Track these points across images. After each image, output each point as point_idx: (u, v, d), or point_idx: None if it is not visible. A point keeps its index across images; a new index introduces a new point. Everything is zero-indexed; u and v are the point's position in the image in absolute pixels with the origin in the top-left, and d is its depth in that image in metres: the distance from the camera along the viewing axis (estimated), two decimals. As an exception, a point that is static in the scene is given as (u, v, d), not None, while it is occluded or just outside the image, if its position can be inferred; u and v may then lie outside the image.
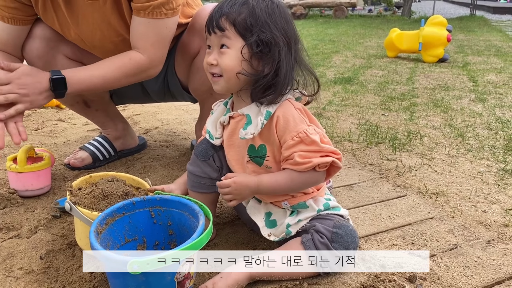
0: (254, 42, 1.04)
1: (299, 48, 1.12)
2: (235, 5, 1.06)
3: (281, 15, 1.08)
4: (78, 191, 1.17)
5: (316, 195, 1.16)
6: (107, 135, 1.89)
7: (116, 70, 1.43)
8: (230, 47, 1.06)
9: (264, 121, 1.07)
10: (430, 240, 1.31)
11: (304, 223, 1.13)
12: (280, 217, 1.17)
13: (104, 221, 1.03)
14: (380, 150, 2.08)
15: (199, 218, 1.02)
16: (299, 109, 1.09)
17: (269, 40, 1.04)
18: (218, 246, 1.27)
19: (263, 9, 1.05)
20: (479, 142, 2.20)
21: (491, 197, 1.60)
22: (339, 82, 3.78)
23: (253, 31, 1.04)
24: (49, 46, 1.54)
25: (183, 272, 0.96)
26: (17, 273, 1.15)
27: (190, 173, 1.26)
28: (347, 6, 13.65)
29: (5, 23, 1.46)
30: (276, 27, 1.06)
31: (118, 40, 1.51)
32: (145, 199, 1.10)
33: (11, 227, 1.35)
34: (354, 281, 1.09)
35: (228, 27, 1.06)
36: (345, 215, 1.17)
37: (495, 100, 3.14)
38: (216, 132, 1.20)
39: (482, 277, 1.14)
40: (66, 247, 1.26)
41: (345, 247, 1.07)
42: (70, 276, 1.13)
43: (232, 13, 1.05)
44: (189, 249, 0.92)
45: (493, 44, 6.67)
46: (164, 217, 1.11)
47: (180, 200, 1.09)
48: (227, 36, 1.06)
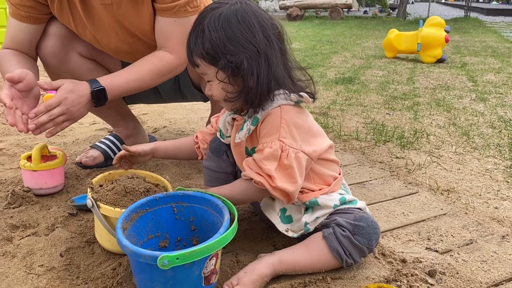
0: (223, 67, 1.04)
1: (272, 50, 1.06)
2: (196, 38, 1.07)
3: (240, 23, 1.04)
4: (99, 188, 1.17)
5: (328, 190, 1.17)
6: (118, 134, 1.89)
7: (149, 72, 1.45)
8: (210, 79, 1.10)
9: (251, 127, 1.10)
10: (445, 236, 1.33)
11: (322, 220, 1.14)
12: (296, 212, 1.18)
13: (129, 217, 1.04)
14: (389, 148, 2.10)
15: (223, 213, 1.02)
16: (284, 120, 1.06)
17: (235, 59, 1.03)
18: (237, 242, 1.27)
19: (218, 29, 1.03)
20: (484, 141, 2.23)
21: (502, 194, 1.62)
22: (341, 82, 3.80)
23: (218, 57, 1.04)
24: (63, 44, 1.54)
25: (210, 267, 0.97)
26: (38, 270, 1.14)
27: (206, 168, 1.31)
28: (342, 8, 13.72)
29: (21, 22, 1.46)
30: (238, 42, 1.03)
31: (132, 41, 1.52)
32: (168, 195, 1.11)
33: (27, 225, 1.35)
34: (377, 275, 1.10)
35: (199, 62, 1.08)
36: (363, 208, 1.18)
37: (495, 100, 3.17)
38: (226, 132, 1.24)
39: (500, 271, 1.15)
40: (85, 244, 1.26)
41: (367, 238, 1.08)
42: (91, 273, 1.13)
43: (196, 48, 1.07)
44: (217, 244, 0.93)
45: (489, 45, 6.74)
46: (186, 213, 1.12)
47: (203, 196, 1.09)
48: (203, 71, 1.10)
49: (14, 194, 1.47)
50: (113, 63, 1.72)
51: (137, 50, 1.53)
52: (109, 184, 1.19)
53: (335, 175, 1.20)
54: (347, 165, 1.90)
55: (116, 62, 1.72)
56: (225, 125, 1.23)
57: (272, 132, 1.06)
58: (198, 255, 0.89)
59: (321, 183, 1.17)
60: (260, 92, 1.05)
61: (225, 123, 1.22)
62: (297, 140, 1.06)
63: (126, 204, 1.12)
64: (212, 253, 0.94)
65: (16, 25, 1.47)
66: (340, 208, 1.15)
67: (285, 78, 1.09)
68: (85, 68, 1.64)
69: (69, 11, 1.46)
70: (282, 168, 1.04)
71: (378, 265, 1.15)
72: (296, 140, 1.06)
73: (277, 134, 1.04)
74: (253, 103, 1.07)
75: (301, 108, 1.13)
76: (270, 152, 1.03)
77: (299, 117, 1.09)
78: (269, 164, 1.03)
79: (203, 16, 1.07)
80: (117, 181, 1.21)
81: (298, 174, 1.05)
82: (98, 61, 1.67)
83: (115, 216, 1.08)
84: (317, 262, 1.08)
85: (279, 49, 1.09)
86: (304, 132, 1.09)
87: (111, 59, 1.70)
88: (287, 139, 1.04)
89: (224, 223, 0.98)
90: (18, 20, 1.46)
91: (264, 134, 1.07)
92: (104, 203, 1.12)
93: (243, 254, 1.20)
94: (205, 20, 1.05)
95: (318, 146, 1.11)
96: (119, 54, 1.60)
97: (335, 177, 1.19)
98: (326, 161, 1.17)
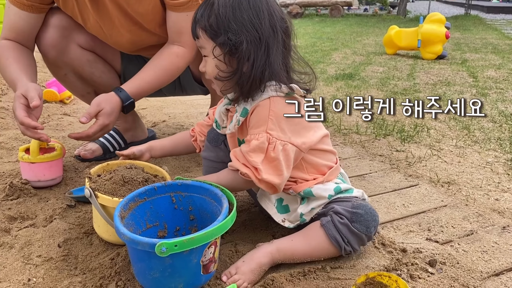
0: (222, 43, 1.04)
1: (275, 41, 1.06)
2: (204, 10, 1.07)
3: (251, 8, 1.04)
4: (97, 178, 1.17)
5: (323, 180, 1.16)
6: (117, 127, 1.88)
7: (169, 71, 1.48)
8: (206, 54, 1.10)
9: (240, 118, 1.10)
10: (446, 227, 1.32)
11: (318, 210, 1.13)
12: (292, 202, 1.17)
13: (127, 206, 1.03)
14: (389, 141, 2.09)
15: (222, 202, 1.02)
16: (272, 112, 1.05)
17: (236, 38, 1.02)
18: (236, 233, 1.27)
19: (228, 6, 1.04)
20: (485, 134, 2.22)
21: (502, 186, 1.62)
22: (341, 78, 3.79)
23: (220, 32, 1.04)
24: (63, 35, 1.53)
25: (208, 255, 0.96)
26: (36, 260, 1.14)
27: (204, 159, 1.31)
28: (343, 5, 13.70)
29: (24, 10, 1.45)
30: (243, 23, 1.03)
31: (134, 28, 1.52)
32: (167, 185, 1.10)
33: (25, 217, 1.35)
34: (376, 265, 1.09)
35: (201, 34, 1.08)
36: (360, 196, 1.17)
37: (496, 95, 3.16)
38: (222, 122, 1.22)
39: (501, 261, 1.14)
40: (83, 235, 1.25)
41: (366, 226, 1.07)
42: (89, 263, 1.12)
43: (202, 20, 1.07)
44: (216, 231, 0.92)
45: (490, 41, 6.72)
46: (185, 202, 1.11)
47: (202, 185, 1.09)
48: (202, 44, 1.09)
49: (12, 186, 1.46)
50: (113, 55, 1.71)
51: (139, 39, 1.53)
52: (107, 174, 1.19)
53: (330, 164, 1.18)
54: (347, 158, 1.89)
55: (115, 53, 1.71)
56: (221, 116, 1.22)
57: (260, 124, 1.05)
58: (197, 242, 0.89)
59: (315, 173, 1.16)
60: (252, 79, 1.04)
61: (220, 113, 1.22)
62: (286, 132, 1.05)
63: (124, 194, 1.12)
64: (211, 241, 0.93)
65: (16, 13, 1.46)
66: (337, 197, 1.14)
67: (281, 71, 1.08)
68: (85, 60, 1.63)
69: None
70: (269, 160, 1.04)
71: (378, 255, 1.14)
72: (285, 132, 1.05)
73: (264, 126, 1.04)
74: (242, 89, 1.06)
75: (293, 99, 1.10)
76: (256, 144, 1.03)
77: (289, 108, 1.07)
78: (256, 157, 1.03)
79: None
80: (115, 171, 1.20)
81: (285, 166, 1.05)
82: (97, 53, 1.66)
83: (113, 206, 1.07)
84: (315, 250, 1.07)
85: (283, 42, 1.08)
86: (295, 124, 1.07)
87: (110, 51, 1.69)
88: (274, 131, 1.04)
89: (223, 212, 0.97)
90: (19, 8, 1.45)
91: (252, 125, 1.07)
92: (102, 193, 1.11)
93: (242, 244, 1.19)
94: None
95: (308, 137, 1.10)
96: (121, 44, 1.59)
97: (330, 167, 1.18)
98: (320, 151, 1.16)
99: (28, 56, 1.50)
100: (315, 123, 1.15)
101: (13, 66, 1.41)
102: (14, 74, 1.40)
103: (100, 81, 1.70)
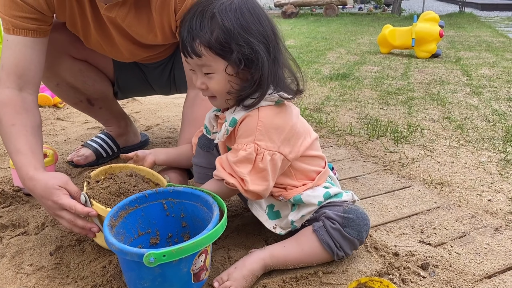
0: (235, 60, 0.99)
1: (277, 46, 1.05)
2: (203, 24, 0.98)
3: (252, 14, 1.01)
4: (95, 184, 1.14)
5: (312, 185, 1.15)
6: (110, 132, 1.87)
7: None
8: (212, 71, 1.02)
9: (229, 128, 1.08)
10: (439, 229, 1.32)
11: (308, 217, 1.13)
12: (283, 208, 1.17)
13: (117, 215, 1.03)
14: (382, 142, 2.09)
15: (213, 209, 1.01)
16: (261, 122, 1.03)
17: (250, 53, 0.98)
18: (229, 238, 1.26)
19: (232, 18, 0.98)
20: (478, 134, 2.22)
21: (495, 186, 1.62)
22: (335, 78, 3.79)
23: (231, 48, 0.98)
24: (54, 48, 1.46)
25: (198, 264, 0.96)
26: (28, 269, 1.13)
27: (196, 165, 1.29)
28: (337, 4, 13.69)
29: (30, 37, 1.26)
30: (252, 34, 0.99)
31: (134, 46, 1.48)
32: (158, 192, 1.09)
33: (17, 224, 1.34)
34: (369, 269, 1.09)
35: (204, 52, 0.99)
36: (350, 199, 1.16)
37: (490, 93, 3.17)
38: (212, 128, 1.21)
39: (493, 263, 1.15)
40: (76, 243, 1.24)
41: (357, 230, 1.07)
42: (81, 272, 1.12)
43: (204, 35, 0.98)
44: (205, 240, 0.91)
45: (484, 39, 6.74)
46: (177, 209, 1.11)
47: (193, 192, 1.08)
48: (206, 63, 1.01)
49: (3, 194, 1.46)
50: (105, 63, 1.70)
51: (138, 52, 1.51)
52: (106, 180, 1.16)
53: (318, 169, 1.18)
54: (340, 160, 1.89)
55: (108, 61, 1.70)
56: (210, 121, 1.21)
57: (248, 134, 1.03)
58: (185, 252, 0.88)
59: (304, 178, 1.16)
60: (266, 87, 1.02)
61: (209, 119, 1.21)
62: (275, 141, 1.04)
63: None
64: (201, 250, 0.93)
65: (20, 43, 1.24)
66: (327, 202, 1.13)
67: (283, 75, 1.07)
68: (77, 70, 1.62)
69: (78, 17, 1.38)
70: (257, 171, 1.03)
71: (370, 259, 1.14)
72: (274, 141, 1.04)
73: (252, 137, 1.03)
74: (250, 97, 1.04)
75: (283, 107, 1.09)
76: (244, 155, 1.02)
77: (279, 117, 1.06)
78: (243, 168, 1.02)
79: (209, 3, 1.00)
80: (115, 177, 1.18)
81: (271, 175, 1.05)
82: (90, 62, 1.65)
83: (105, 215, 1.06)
84: (308, 256, 1.07)
85: (282, 45, 1.07)
86: (285, 132, 1.06)
87: (103, 59, 1.68)
88: (263, 142, 1.03)
89: (213, 220, 0.97)
90: (25, 36, 1.24)
91: (240, 135, 1.05)
92: (96, 201, 1.10)
93: (234, 250, 1.19)
94: (214, 6, 0.99)
95: (297, 147, 1.10)
96: (120, 57, 1.57)
97: (319, 172, 1.18)
98: (309, 157, 1.15)
99: (36, 122, 1.27)
100: (305, 128, 1.15)
101: (21, 140, 1.21)
102: (22, 154, 1.19)
103: (93, 89, 1.69)
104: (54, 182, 1.11)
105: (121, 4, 1.29)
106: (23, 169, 1.16)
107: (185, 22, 1.03)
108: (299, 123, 1.12)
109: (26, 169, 1.15)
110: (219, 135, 1.12)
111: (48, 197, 1.10)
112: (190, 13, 1.03)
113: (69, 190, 1.11)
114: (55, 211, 1.11)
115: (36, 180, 1.13)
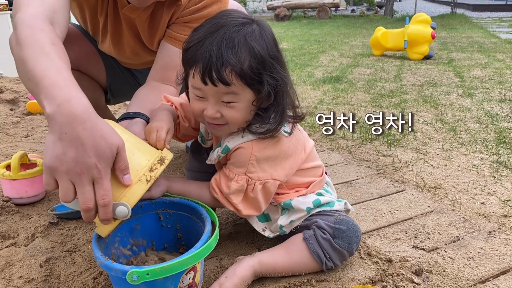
0: (266, 91, 0.94)
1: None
2: (236, 50, 0.90)
3: (274, 43, 0.97)
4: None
5: (305, 192, 1.14)
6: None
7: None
8: (236, 100, 0.95)
9: (221, 155, 1.08)
10: (432, 233, 1.32)
11: (297, 224, 1.12)
12: (274, 211, 1.17)
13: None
14: (375, 146, 2.09)
15: (205, 224, 0.99)
16: (254, 157, 1.02)
17: (275, 82, 0.95)
18: (221, 247, 1.25)
19: (262, 45, 0.93)
20: (471, 136, 2.23)
21: (488, 189, 1.62)
22: (328, 81, 3.79)
23: (261, 79, 0.93)
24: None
25: (186, 281, 0.93)
26: (17, 282, 1.11)
27: (188, 170, 1.31)
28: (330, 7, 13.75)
29: None
30: (278, 63, 0.96)
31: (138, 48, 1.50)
32: (153, 202, 1.08)
33: (7, 236, 1.32)
34: (362, 276, 1.08)
35: (235, 81, 0.91)
36: (342, 209, 1.15)
37: (482, 95, 3.18)
38: (207, 135, 1.21)
39: (487, 268, 1.14)
40: (66, 254, 1.23)
41: (348, 242, 1.06)
42: (72, 283, 1.10)
43: (237, 63, 0.89)
44: (191, 260, 0.87)
45: (476, 40, 6.78)
46: (172, 220, 1.09)
47: (189, 204, 1.06)
48: (233, 91, 0.93)
49: (-7, 204, 1.44)
50: (97, 70, 1.69)
51: (138, 53, 1.52)
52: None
53: (312, 179, 1.17)
54: (333, 165, 1.88)
55: (100, 69, 1.69)
56: (206, 129, 1.20)
57: (240, 165, 1.04)
58: (170, 271, 0.85)
59: (297, 186, 1.15)
60: (284, 114, 1.02)
61: (206, 128, 1.20)
62: (266, 170, 1.04)
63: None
64: (188, 268, 0.91)
65: None
66: (318, 211, 1.12)
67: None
68: None
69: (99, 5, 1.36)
70: (248, 200, 1.06)
71: (363, 266, 1.13)
72: (265, 170, 1.04)
73: (244, 168, 1.03)
74: (269, 125, 1.01)
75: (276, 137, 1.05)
76: (236, 188, 1.05)
77: (271, 147, 1.04)
78: (235, 198, 1.06)
79: (234, 30, 0.92)
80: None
81: (264, 201, 1.08)
82: (82, 70, 1.64)
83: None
84: (296, 265, 1.06)
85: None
86: (278, 159, 1.05)
87: (95, 67, 1.67)
88: (254, 174, 1.04)
89: (203, 237, 0.93)
90: None
91: (233, 162, 1.06)
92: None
93: (227, 259, 1.18)
94: (239, 33, 0.92)
95: (291, 167, 1.09)
96: (122, 57, 1.58)
97: (313, 181, 1.17)
98: (303, 170, 1.14)
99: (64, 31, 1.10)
100: (300, 142, 1.12)
101: (65, 59, 0.97)
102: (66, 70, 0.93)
103: None
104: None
105: (144, 8, 1.30)
106: (70, 84, 0.86)
107: (206, 46, 0.91)
108: (293, 139, 1.08)
109: (74, 85, 0.87)
110: (212, 157, 1.12)
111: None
112: (211, 37, 0.92)
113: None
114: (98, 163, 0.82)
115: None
